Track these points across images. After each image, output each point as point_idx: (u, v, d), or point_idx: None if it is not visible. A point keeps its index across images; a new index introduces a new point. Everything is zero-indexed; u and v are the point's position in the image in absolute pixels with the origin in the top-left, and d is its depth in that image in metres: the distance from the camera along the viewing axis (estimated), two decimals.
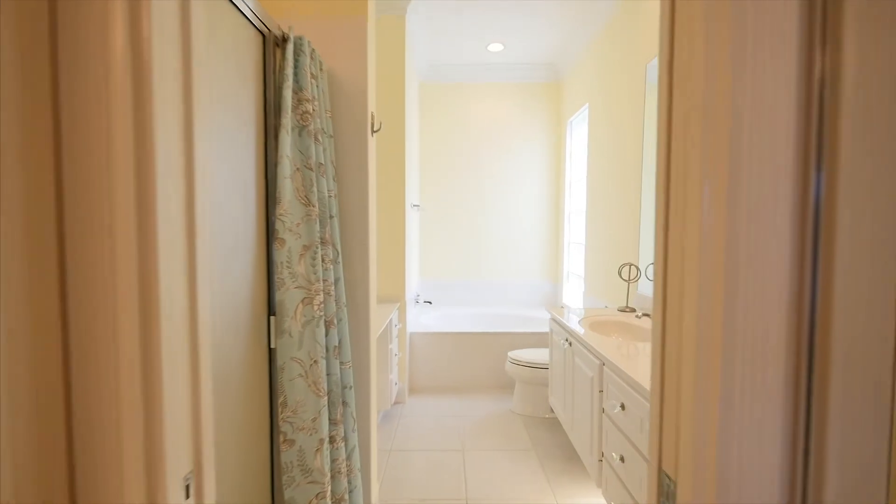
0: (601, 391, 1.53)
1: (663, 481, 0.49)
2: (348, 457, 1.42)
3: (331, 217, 1.37)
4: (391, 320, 2.54)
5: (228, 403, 1.00)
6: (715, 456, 0.42)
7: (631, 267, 2.30)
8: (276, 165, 1.20)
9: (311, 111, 1.26)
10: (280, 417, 1.20)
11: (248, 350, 1.10)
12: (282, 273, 1.19)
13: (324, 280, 1.31)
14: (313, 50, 1.31)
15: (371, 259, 1.56)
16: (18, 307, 0.43)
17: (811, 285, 0.41)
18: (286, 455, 1.21)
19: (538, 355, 2.69)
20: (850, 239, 0.40)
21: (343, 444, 1.37)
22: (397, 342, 2.79)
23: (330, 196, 1.37)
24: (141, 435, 0.46)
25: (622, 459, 1.33)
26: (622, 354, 1.47)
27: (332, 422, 1.34)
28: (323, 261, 1.31)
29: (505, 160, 3.95)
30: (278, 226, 1.18)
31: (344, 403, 1.41)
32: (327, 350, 1.33)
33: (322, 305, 1.26)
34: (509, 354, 2.75)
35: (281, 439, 1.21)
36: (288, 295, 1.20)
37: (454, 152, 3.94)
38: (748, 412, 0.41)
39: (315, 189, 1.26)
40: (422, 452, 2.26)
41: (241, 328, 1.07)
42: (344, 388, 1.41)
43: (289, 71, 1.19)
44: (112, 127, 0.44)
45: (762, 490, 0.42)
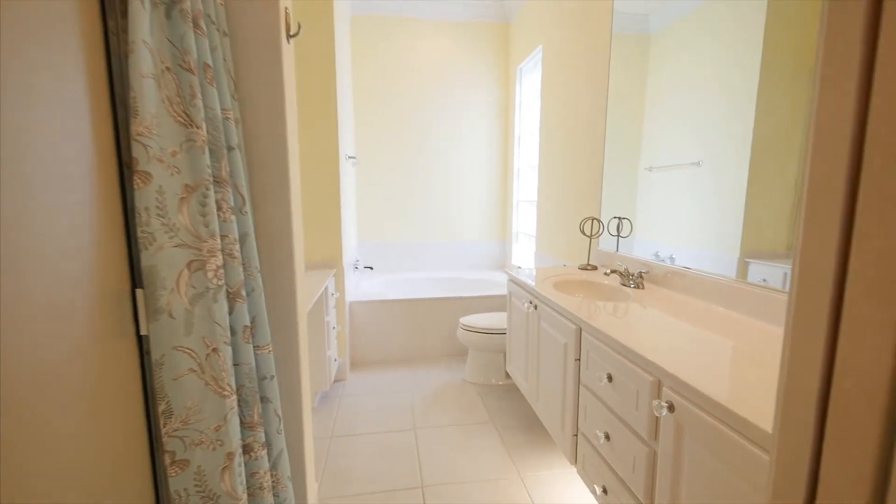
0: (577, 360, 1.33)
1: None
2: (273, 466, 1.10)
3: (230, 148, 0.98)
4: (326, 289, 2.17)
5: (57, 432, 0.63)
6: None
7: (593, 221, 2.12)
8: (127, 57, 0.77)
9: None
10: (164, 432, 0.84)
11: (92, 344, 0.72)
12: (149, 225, 0.79)
13: (222, 236, 0.93)
14: None
15: (294, 210, 1.18)
16: None
17: None
18: (177, 481, 0.86)
19: (492, 320, 2.49)
20: None
21: (265, 452, 1.04)
22: (335, 314, 2.44)
23: (226, 118, 0.96)
24: None
25: (607, 437, 1.14)
26: (602, 317, 1.27)
27: (247, 426, 1.00)
28: (220, 209, 0.92)
29: (448, 111, 3.59)
30: (138, 152, 0.77)
31: (264, 400, 1.07)
32: (234, 332, 0.97)
33: (221, 271, 0.89)
34: (461, 321, 2.52)
35: (167, 461, 0.85)
36: (162, 257, 0.81)
37: (392, 101, 3.50)
38: None
39: (200, 103, 0.85)
40: (368, 436, 1.99)
41: (77, 311, 0.68)
42: (263, 380, 1.06)
43: None
44: None
45: None
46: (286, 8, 1.14)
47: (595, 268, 2.06)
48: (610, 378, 1.12)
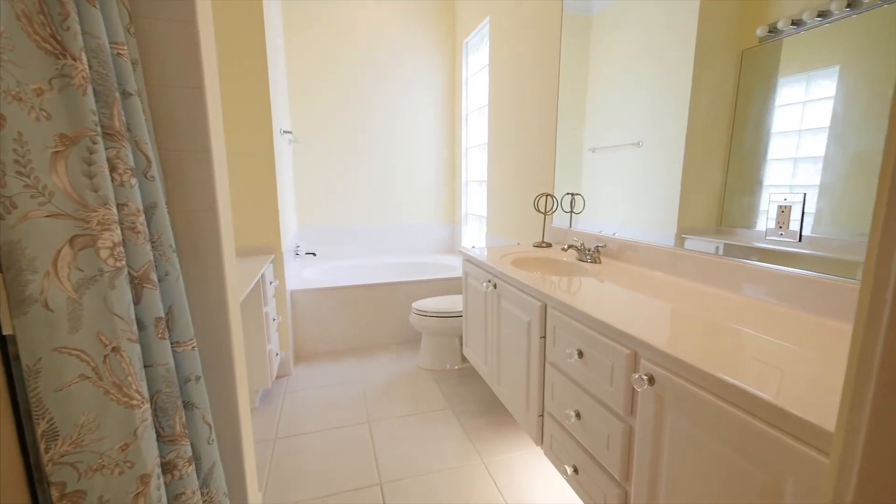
0: (543, 337, 1.27)
1: None
2: (205, 482, 0.93)
3: (126, 94, 0.77)
4: (264, 276, 1.95)
5: None
6: None
7: (548, 198, 2.08)
8: None
9: None
10: (47, 459, 0.65)
11: None
12: (5, 186, 0.59)
13: (120, 205, 0.73)
14: None
15: (219, 180, 0.99)
16: None
17: None
18: None
19: (446, 303, 2.40)
20: None
21: (192, 468, 0.86)
22: (274, 304, 2.22)
23: (118, 54, 0.75)
24: None
25: (578, 416, 1.10)
26: (567, 292, 1.21)
27: (167, 439, 0.82)
28: (114, 170, 0.72)
29: (392, 87, 3.40)
30: None
31: (188, 406, 0.89)
32: (143, 326, 0.78)
33: (120, 250, 0.70)
34: (414, 305, 2.41)
35: (55, 495, 0.66)
36: (29, 230, 0.61)
37: (331, 75, 3.24)
38: None
39: (76, 27, 0.65)
40: (317, 434, 1.83)
41: None
42: (186, 383, 0.88)
43: None
44: None
45: None
46: None
47: (550, 245, 2.03)
48: (580, 354, 1.06)
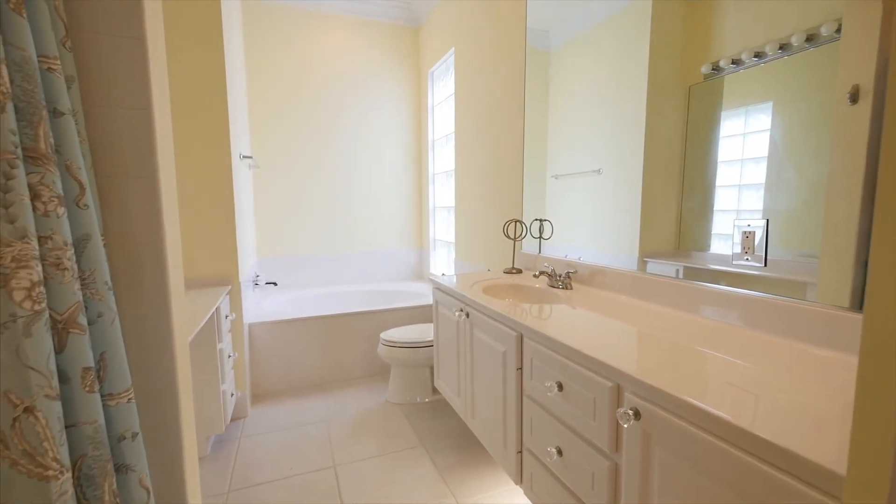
0: (519, 369, 1.22)
1: None
2: None
3: (56, 113, 0.68)
4: (219, 310, 1.81)
5: None
6: None
7: (517, 224, 2.08)
8: None
9: None
10: None
11: None
12: None
13: (43, 238, 0.63)
14: None
15: (167, 204, 0.90)
16: None
17: None
18: None
19: (416, 332, 2.32)
20: None
21: None
22: (230, 339, 2.06)
23: (49, 69, 0.67)
24: None
25: (560, 452, 1.04)
26: (543, 320, 1.18)
27: None
28: (38, 198, 0.63)
29: (357, 114, 3.38)
30: None
31: (121, 469, 0.76)
32: (66, 379, 0.66)
33: (40, 290, 0.60)
34: (382, 336, 2.31)
35: None
36: None
37: (295, 101, 3.18)
38: None
39: None
40: (277, 484, 1.67)
41: None
42: (120, 442, 0.76)
43: None
44: None
45: None
46: None
47: (520, 271, 2.01)
48: (560, 387, 1.02)
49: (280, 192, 3.21)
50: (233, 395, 2.01)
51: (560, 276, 1.64)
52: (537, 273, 1.68)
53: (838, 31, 0.88)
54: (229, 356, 1.97)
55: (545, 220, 1.94)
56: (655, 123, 1.35)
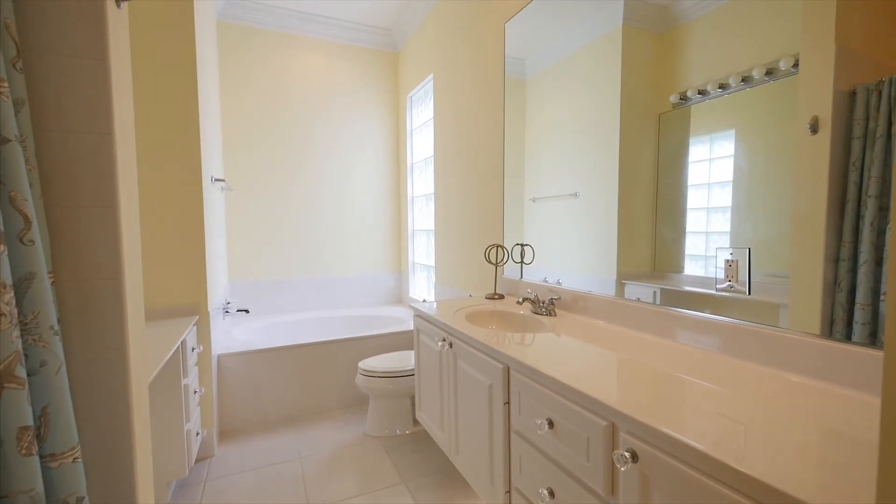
0: (507, 403, 1.17)
1: None
2: None
3: (2, 140, 0.62)
4: (185, 343, 1.69)
5: None
6: None
7: (498, 249, 2.06)
8: None
9: None
10: None
11: None
12: None
13: None
14: None
15: (127, 237, 0.83)
16: None
17: None
18: None
19: (395, 360, 2.24)
20: None
21: None
22: (196, 373, 1.93)
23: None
24: None
25: (552, 494, 0.99)
26: (529, 351, 1.14)
27: None
28: None
29: (335, 137, 3.35)
30: None
31: None
32: (0, 441, 0.58)
33: None
34: (360, 365, 2.22)
35: None
36: None
37: (272, 124, 3.13)
38: None
39: None
40: None
41: None
42: None
43: None
44: None
45: None
46: None
47: (502, 296, 1.99)
48: (551, 424, 0.97)
49: (254, 215, 3.12)
50: (198, 435, 1.87)
51: (544, 303, 1.62)
52: (520, 300, 1.65)
53: (796, 66, 0.93)
54: (195, 392, 1.84)
55: (526, 245, 1.93)
56: (629, 148, 1.38)
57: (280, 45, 3.12)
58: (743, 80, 1.05)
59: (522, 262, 1.96)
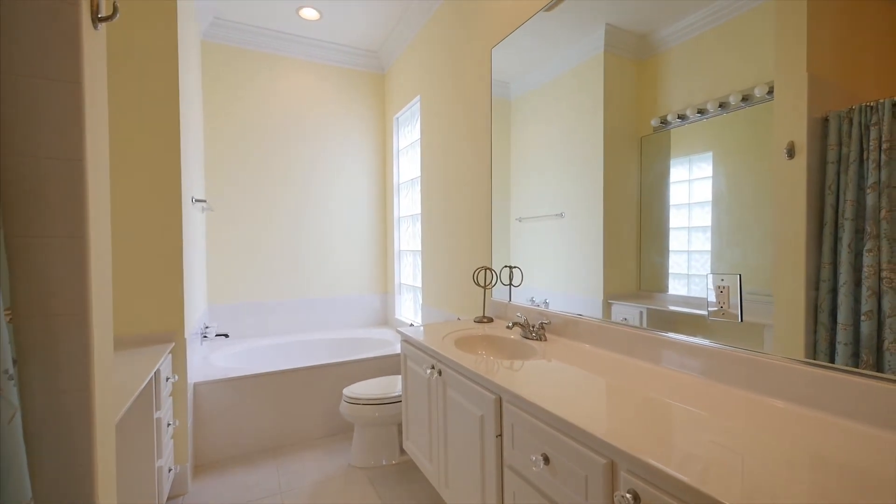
0: (499, 436, 1.13)
1: None
2: None
3: None
4: (158, 373, 1.60)
5: None
6: None
7: (486, 271, 2.04)
8: None
9: None
10: None
11: None
12: None
13: None
14: None
15: (95, 268, 0.77)
16: None
17: None
18: None
19: (382, 386, 2.17)
20: None
21: None
22: (171, 405, 1.83)
23: None
24: None
25: None
26: (521, 380, 1.11)
27: None
28: None
29: (321, 157, 3.33)
30: None
31: None
32: None
33: None
34: (345, 392, 2.14)
35: None
36: None
37: (256, 143, 3.09)
38: None
39: None
40: None
41: None
42: None
43: None
44: None
45: None
46: None
47: (491, 320, 1.95)
48: (547, 459, 0.93)
49: (237, 236, 3.04)
50: (171, 471, 1.76)
51: (534, 327, 1.60)
52: (510, 324, 1.62)
53: (770, 93, 0.96)
54: (169, 425, 1.74)
55: (515, 267, 1.91)
56: (613, 169, 1.40)
57: (265, 66, 3.10)
58: (720, 106, 1.08)
59: (511, 285, 1.94)
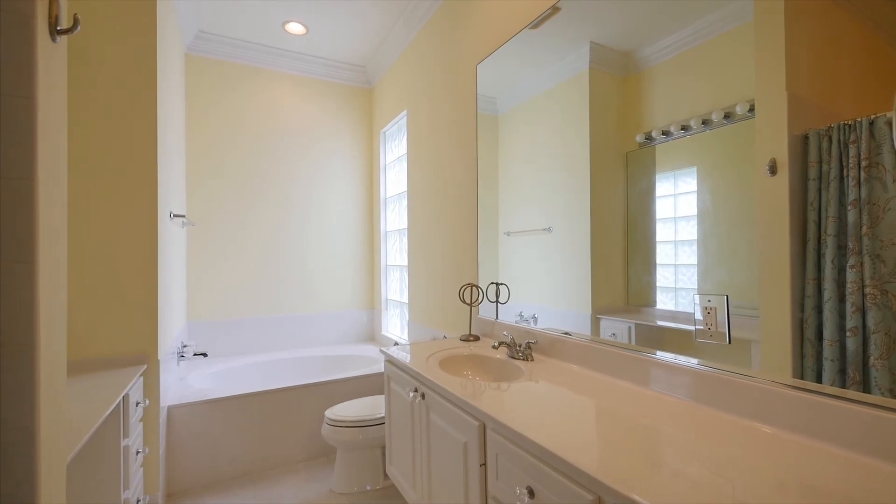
0: (483, 465, 1.08)
1: None
2: None
3: None
4: (127, 398, 1.52)
5: None
6: None
7: (472, 288, 2.00)
8: None
9: None
10: None
11: None
12: None
13: None
14: None
15: (45, 295, 0.72)
16: None
17: None
18: None
19: (366, 407, 2.10)
20: None
21: None
22: (141, 431, 1.74)
23: None
24: None
25: None
26: (505, 405, 1.07)
27: None
28: None
29: (306, 171, 3.29)
30: None
31: None
32: None
33: None
34: (326, 414, 2.06)
35: None
36: None
37: (239, 157, 3.04)
38: None
39: None
40: None
41: None
42: None
43: None
44: None
45: None
46: None
47: (478, 338, 1.91)
48: (532, 493, 0.89)
49: (218, 251, 2.96)
50: (139, 502, 1.66)
51: (520, 347, 1.56)
52: (496, 343, 1.58)
53: (752, 111, 0.97)
54: (138, 453, 1.65)
55: (501, 284, 1.88)
56: (599, 184, 1.40)
57: (251, 80, 3.07)
58: (703, 123, 1.08)
59: (497, 302, 1.90)
